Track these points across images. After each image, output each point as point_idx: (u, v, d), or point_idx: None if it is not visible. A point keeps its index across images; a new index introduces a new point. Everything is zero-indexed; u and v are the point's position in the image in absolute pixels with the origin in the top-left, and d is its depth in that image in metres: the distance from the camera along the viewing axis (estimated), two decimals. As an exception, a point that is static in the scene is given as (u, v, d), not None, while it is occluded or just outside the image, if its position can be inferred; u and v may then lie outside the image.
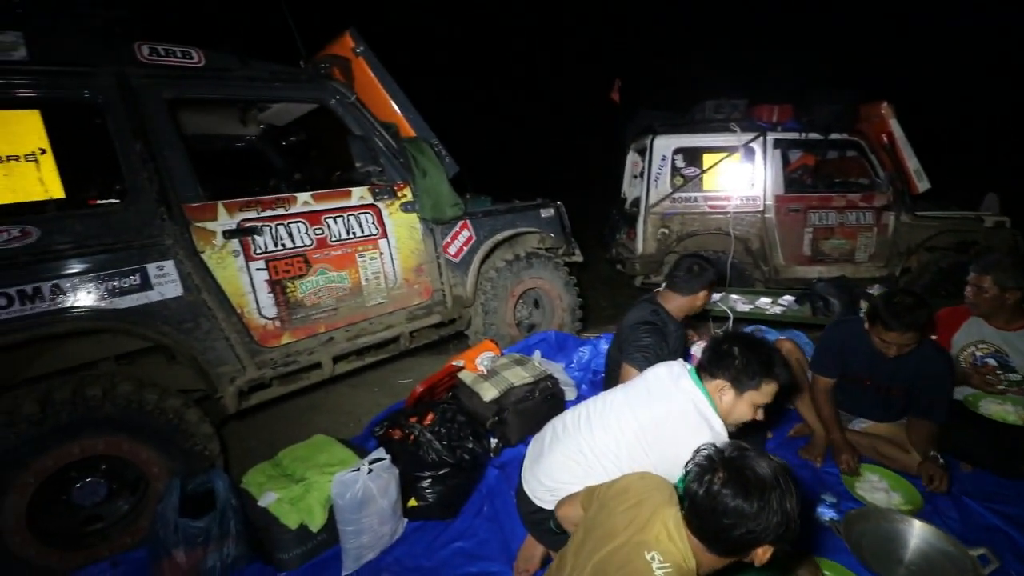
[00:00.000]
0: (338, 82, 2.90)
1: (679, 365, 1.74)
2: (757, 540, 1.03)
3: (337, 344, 2.78)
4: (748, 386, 1.57)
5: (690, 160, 4.83)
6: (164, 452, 2.21)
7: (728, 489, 1.03)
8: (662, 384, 1.69)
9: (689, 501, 1.09)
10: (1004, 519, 2.09)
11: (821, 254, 4.69)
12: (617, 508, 1.22)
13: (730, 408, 1.60)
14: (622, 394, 1.77)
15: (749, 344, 1.62)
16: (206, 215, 2.35)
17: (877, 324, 2.17)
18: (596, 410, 1.76)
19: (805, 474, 2.38)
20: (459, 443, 2.40)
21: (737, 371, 1.57)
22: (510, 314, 3.51)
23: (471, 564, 2.03)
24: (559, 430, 1.80)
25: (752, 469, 1.05)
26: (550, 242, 3.74)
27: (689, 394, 1.62)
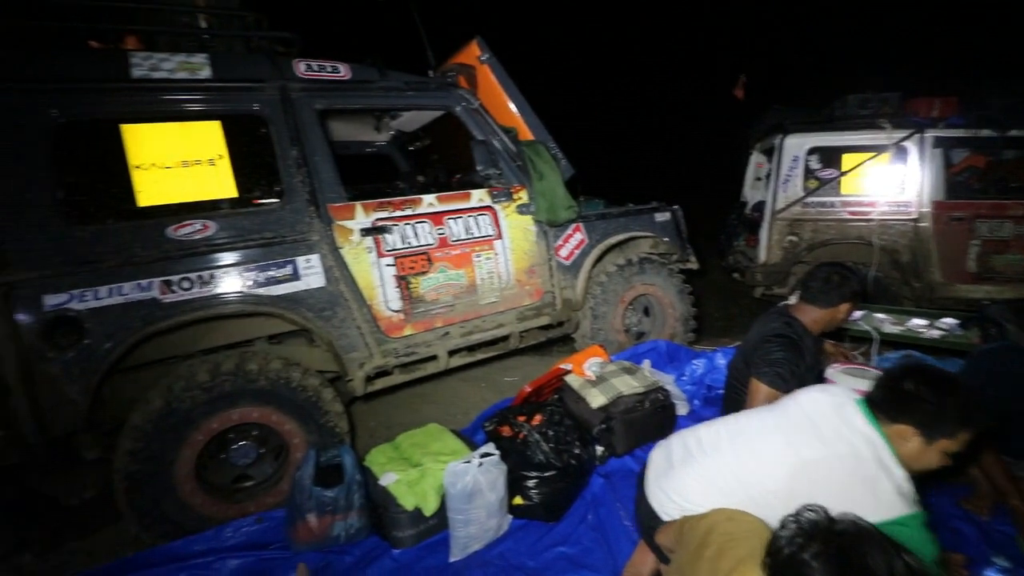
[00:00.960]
0: (463, 89, 3.04)
1: (843, 394, 1.52)
2: None
3: (452, 339, 2.91)
4: (942, 434, 1.33)
5: (827, 161, 4.38)
6: (303, 425, 2.46)
7: (818, 565, 0.86)
8: (827, 419, 1.45)
9: (772, 559, 0.94)
10: None
11: (991, 271, 4.01)
12: (701, 555, 1.12)
13: (916, 458, 1.36)
14: (772, 419, 1.58)
15: (940, 384, 1.36)
16: (347, 214, 2.59)
17: None
18: (739, 431, 1.60)
19: (968, 529, 2.04)
20: (566, 447, 2.39)
21: (929, 417, 1.34)
22: (619, 320, 3.43)
23: (574, 571, 2.01)
24: (692, 446, 1.67)
25: (862, 557, 0.85)
26: (664, 247, 3.60)
27: (865, 437, 1.37)
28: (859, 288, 2.25)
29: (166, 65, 2.29)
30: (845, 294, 2.18)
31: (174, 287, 2.23)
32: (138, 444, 2.15)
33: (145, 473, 2.18)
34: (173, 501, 2.25)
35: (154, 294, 2.20)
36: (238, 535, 2.26)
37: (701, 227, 5.87)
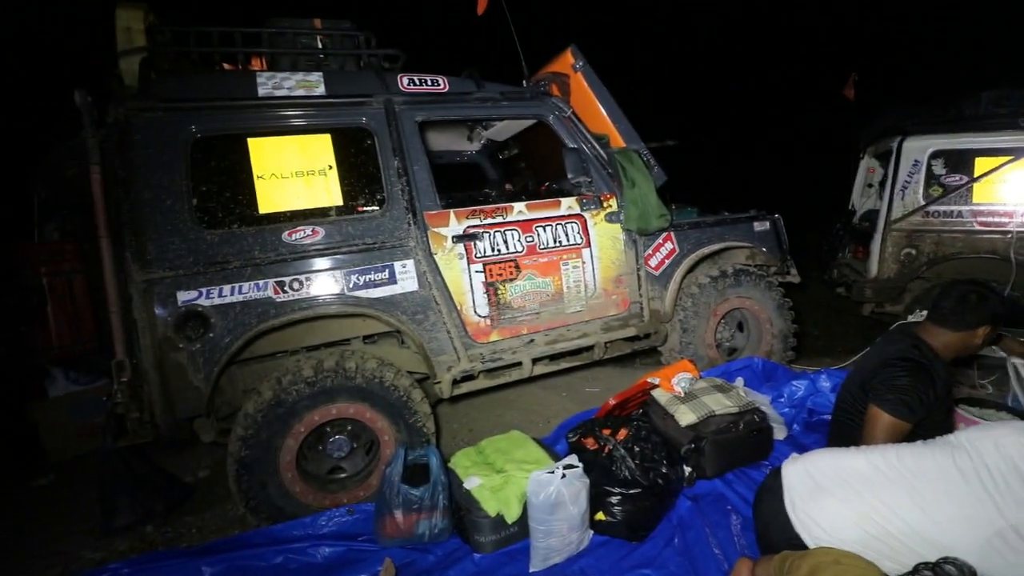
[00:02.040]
0: (556, 98, 3.05)
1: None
2: None
3: (537, 346, 2.92)
4: None
5: (954, 166, 3.91)
6: (394, 423, 2.57)
7: None
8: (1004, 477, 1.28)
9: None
10: None
11: None
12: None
13: None
14: (952, 464, 1.38)
15: None
16: (441, 222, 2.68)
17: None
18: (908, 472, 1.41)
19: None
20: (652, 465, 2.30)
21: None
22: (710, 334, 3.27)
23: (662, 595, 1.94)
24: (847, 474, 1.50)
25: None
26: (762, 259, 3.39)
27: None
28: (1001, 310, 1.98)
29: (287, 84, 2.50)
30: (984, 316, 1.94)
31: (286, 288, 2.42)
32: (249, 431, 2.35)
33: (253, 459, 2.37)
34: (276, 487, 2.43)
35: (269, 294, 2.39)
36: (331, 524, 2.39)
37: (802, 238, 5.48)
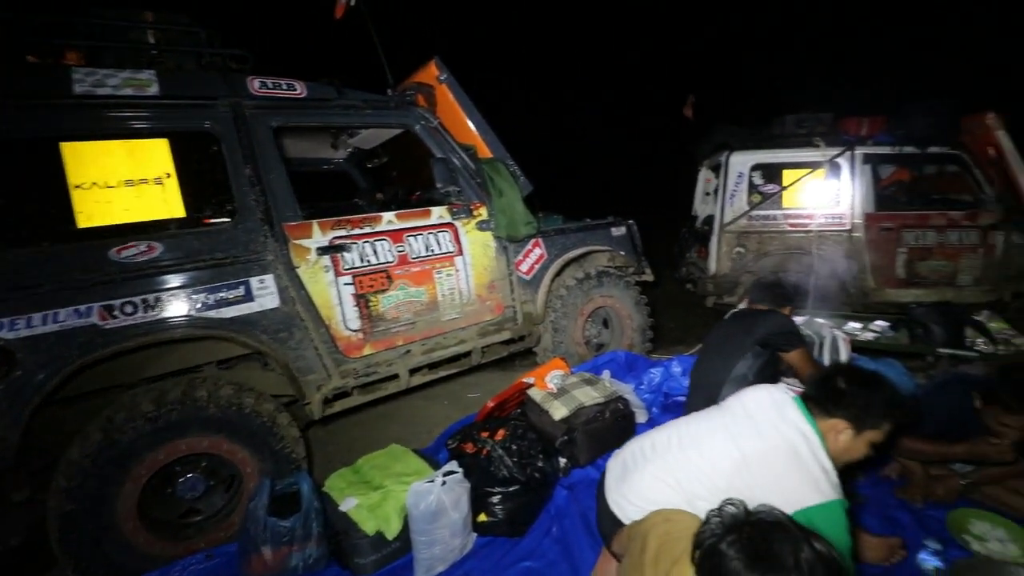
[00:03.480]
0: (422, 108, 3.06)
1: (781, 392, 1.64)
2: None
3: (413, 357, 2.89)
4: (869, 426, 1.48)
5: (769, 177, 4.64)
6: (257, 453, 2.37)
7: (734, 551, 0.92)
8: (767, 414, 1.56)
9: (697, 552, 0.99)
10: None
11: (917, 277, 4.33)
12: (643, 559, 1.16)
13: (846, 449, 1.50)
14: (720, 418, 1.68)
15: (868, 381, 1.51)
16: (303, 233, 2.54)
17: (995, 405, 1.94)
18: (689, 433, 1.68)
19: (904, 516, 2.18)
20: (529, 460, 2.40)
21: (858, 411, 1.47)
22: (579, 332, 3.50)
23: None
24: (647, 449, 1.74)
25: (769, 543, 0.91)
26: (621, 260, 3.71)
27: (799, 430, 1.49)
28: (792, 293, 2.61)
29: (111, 81, 2.20)
30: (782, 300, 2.50)
31: (116, 312, 2.12)
32: (74, 481, 2.01)
33: (82, 512, 2.03)
34: (114, 541, 2.11)
35: (93, 320, 2.08)
36: (186, 574, 2.14)
37: (655, 241, 6.08)
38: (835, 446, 1.49)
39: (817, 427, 1.49)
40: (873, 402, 1.47)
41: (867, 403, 1.47)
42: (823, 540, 0.95)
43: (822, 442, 1.47)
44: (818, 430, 1.49)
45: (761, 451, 1.48)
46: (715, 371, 2.43)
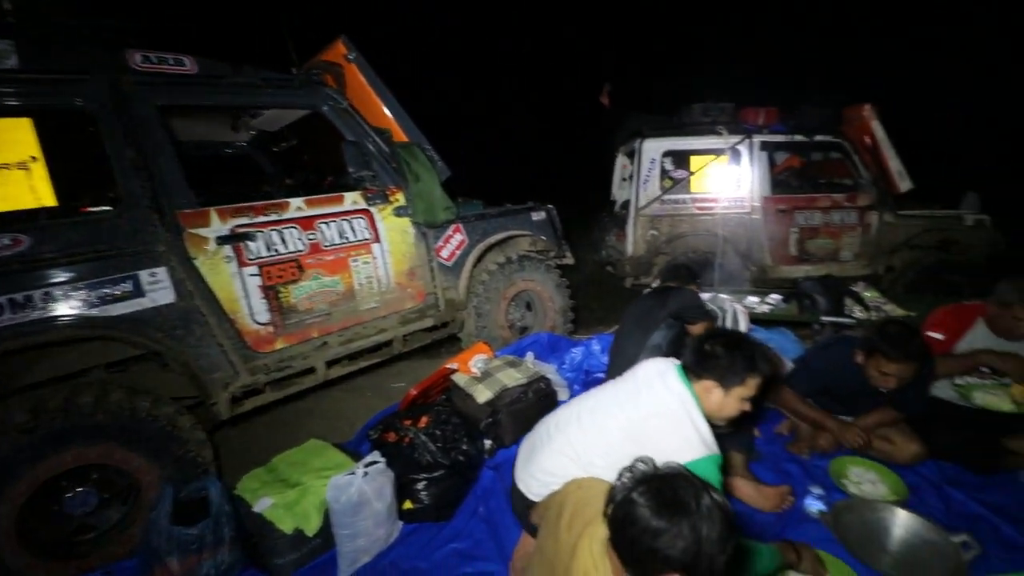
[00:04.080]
0: (330, 88, 2.92)
1: (666, 363, 1.76)
2: (663, 562, 0.99)
3: (331, 348, 2.79)
4: (734, 383, 1.62)
5: (678, 163, 4.90)
6: (156, 460, 2.20)
7: (644, 500, 1.01)
8: (651, 382, 1.70)
9: (610, 507, 1.07)
10: (987, 507, 2.14)
11: (807, 254, 4.77)
12: (559, 525, 1.22)
13: (719, 406, 1.64)
14: (612, 390, 1.79)
15: (732, 342, 1.66)
16: (199, 221, 2.36)
17: (877, 356, 2.16)
18: (588, 407, 1.78)
19: (794, 468, 2.43)
20: (454, 445, 2.41)
21: (723, 370, 1.61)
22: (502, 316, 3.54)
23: (467, 564, 2.04)
24: (551, 427, 1.82)
25: (675, 491, 1.02)
26: (542, 245, 3.78)
27: (676, 393, 1.63)
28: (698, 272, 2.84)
29: (-50, 51, 1.91)
30: (689, 278, 2.73)
31: (-26, 314, 1.87)
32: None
33: (-54, 541, 1.80)
34: (-11, 569, 1.89)
35: (-54, 324, 1.83)
36: (81, 594, 1.97)
37: (577, 225, 6.25)
38: (709, 405, 1.64)
39: (693, 389, 1.64)
40: (736, 361, 1.61)
41: (731, 363, 1.60)
42: (717, 492, 1.05)
43: (697, 403, 1.62)
44: (694, 392, 1.63)
45: (644, 417, 1.62)
46: (632, 344, 2.57)
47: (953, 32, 12.71)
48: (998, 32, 12.03)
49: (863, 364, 2.23)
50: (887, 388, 2.19)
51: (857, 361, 2.26)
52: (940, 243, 4.65)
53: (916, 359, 2.11)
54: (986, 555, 1.91)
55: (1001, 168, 9.17)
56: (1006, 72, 11.67)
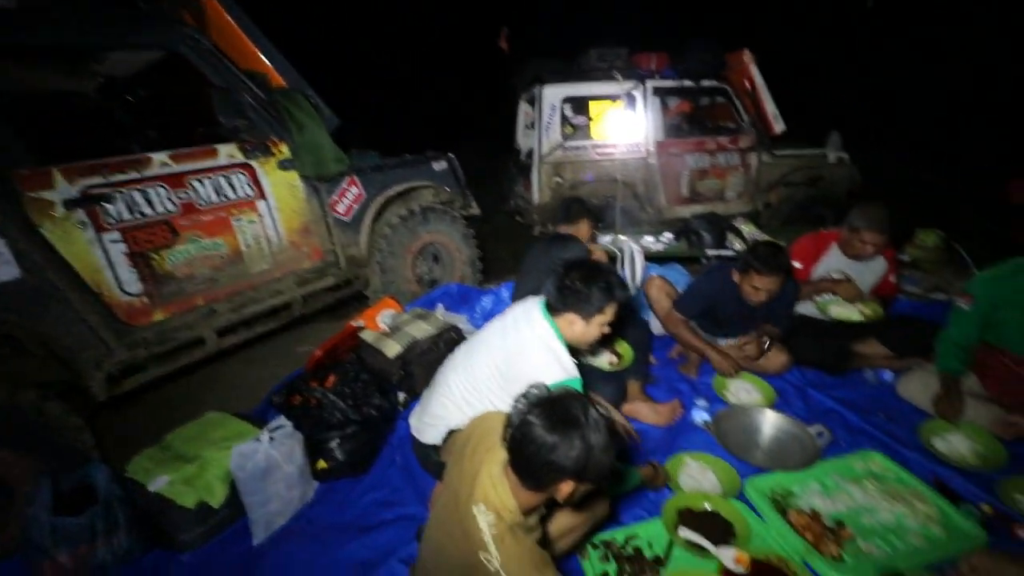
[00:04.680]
0: (188, 26, 2.58)
1: (532, 301, 1.86)
2: (558, 473, 1.09)
3: (220, 316, 2.61)
4: (593, 312, 1.74)
5: (578, 109, 4.95)
6: (26, 452, 1.98)
7: (538, 421, 1.09)
8: (516, 320, 1.80)
9: (507, 431, 1.14)
10: (837, 402, 2.53)
11: (697, 194, 5.09)
12: (463, 456, 1.29)
13: (582, 335, 1.78)
14: (486, 334, 1.88)
15: (587, 274, 1.75)
16: (41, 184, 2.04)
17: (750, 272, 2.39)
18: (464, 352, 1.89)
19: (684, 386, 2.70)
20: (365, 400, 2.40)
21: (581, 302, 1.72)
22: (409, 271, 3.48)
23: (386, 511, 2.09)
24: (439, 378, 1.93)
25: (565, 409, 1.11)
26: (445, 196, 3.71)
27: (538, 328, 1.74)
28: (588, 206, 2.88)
29: None
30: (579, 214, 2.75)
31: None
32: None
33: None
34: None
35: None
36: (-52, 606, 1.78)
37: (486, 175, 6.20)
38: (572, 335, 1.77)
39: (554, 323, 1.76)
40: (593, 293, 1.72)
41: (589, 295, 1.72)
42: (598, 407, 1.17)
43: (558, 334, 1.75)
44: (555, 325, 1.76)
45: (511, 355, 1.73)
46: (532, 290, 2.64)
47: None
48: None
49: (739, 282, 2.47)
50: (758, 302, 2.45)
51: (734, 279, 2.50)
52: (809, 180, 5.16)
53: (781, 271, 2.37)
54: (836, 440, 2.28)
55: (860, 107, 10.22)
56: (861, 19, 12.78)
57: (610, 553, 1.75)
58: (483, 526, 1.10)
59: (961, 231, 4.71)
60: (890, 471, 2.05)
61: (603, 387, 2.46)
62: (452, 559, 1.19)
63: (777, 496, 1.96)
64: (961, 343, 2.38)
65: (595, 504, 1.57)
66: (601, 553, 1.75)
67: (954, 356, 2.37)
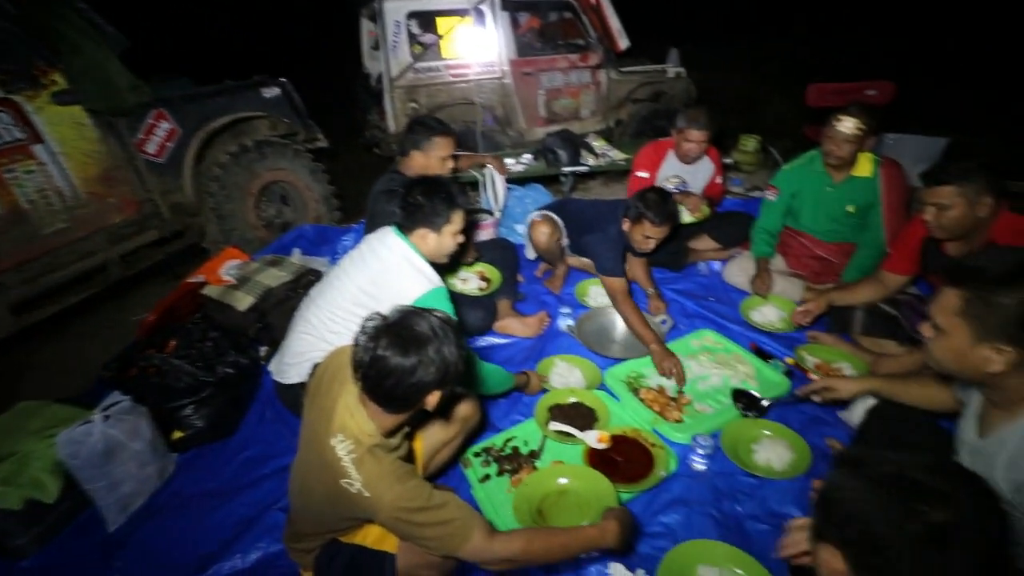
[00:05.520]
0: None
1: (384, 229, 1.87)
2: (423, 389, 1.11)
3: (11, 291, 2.16)
4: (441, 223, 1.78)
5: (426, 26, 4.62)
6: None
7: (389, 351, 1.07)
8: (372, 247, 1.82)
9: (357, 369, 1.11)
10: (677, 293, 2.87)
11: (554, 115, 5.15)
12: (317, 397, 1.26)
13: (437, 248, 1.82)
14: (342, 266, 1.89)
15: (428, 189, 1.77)
16: None
17: (643, 222, 2.37)
18: (319, 287, 1.90)
19: (550, 299, 2.87)
20: (218, 360, 2.20)
21: (429, 215, 1.75)
22: (252, 215, 3.13)
23: (262, 467, 2.02)
24: (297, 316, 1.91)
25: (410, 328, 1.10)
26: (284, 127, 3.32)
27: (397, 249, 1.77)
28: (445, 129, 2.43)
29: None
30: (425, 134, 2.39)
31: None
32: None
33: None
34: None
35: None
36: None
37: (330, 103, 5.68)
38: (428, 248, 1.81)
39: (410, 240, 1.79)
40: (437, 204, 1.76)
41: (433, 207, 1.75)
42: (439, 311, 1.18)
43: (415, 250, 1.79)
44: (411, 243, 1.79)
45: (373, 278, 1.75)
46: (384, 223, 2.53)
47: None
48: None
49: (628, 231, 2.46)
50: (646, 250, 2.48)
51: (624, 229, 2.49)
52: (653, 95, 5.47)
53: (673, 220, 2.42)
54: (676, 325, 2.59)
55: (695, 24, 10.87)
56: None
57: (490, 457, 1.87)
58: (341, 454, 1.09)
59: (775, 134, 5.41)
60: (719, 344, 2.41)
61: (473, 311, 2.52)
62: (316, 494, 1.18)
63: (631, 379, 2.22)
64: (769, 230, 2.79)
65: (465, 413, 1.64)
66: (482, 459, 1.87)
67: (764, 242, 2.79)
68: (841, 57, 8.39)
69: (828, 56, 8.51)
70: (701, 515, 1.69)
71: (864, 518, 0.63)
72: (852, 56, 8.42)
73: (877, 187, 2.51)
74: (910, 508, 0.61)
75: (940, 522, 0.59)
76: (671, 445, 1.90)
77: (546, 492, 1.65)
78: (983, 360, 1.00)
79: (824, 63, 7.73)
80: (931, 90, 6.57)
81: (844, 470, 0.67)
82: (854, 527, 0.64)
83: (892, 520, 0.61)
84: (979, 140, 5.04)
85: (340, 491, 1.08)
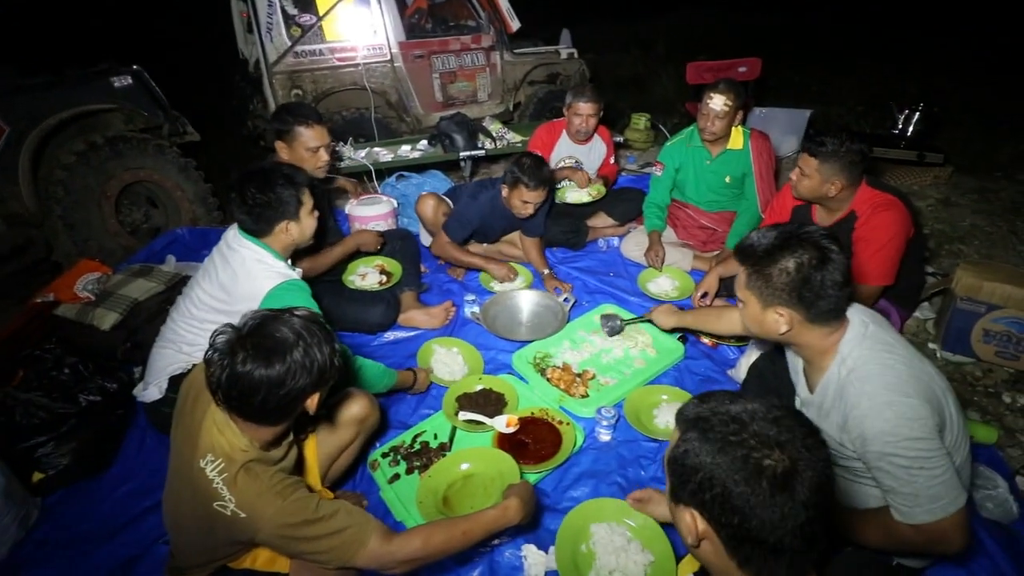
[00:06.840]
0: None
1: (231, 231, 1.76)
2: (297, 397, 1.03)
3: None
4: (296, 208, 1.70)
5: (302, 5, 4.30)
6: None
7: (250, 365, 0.97)
8: (221, 253, 1.74)
9: (219, 392, 1.01)
10: (579, 271, 2.96)
11: (451, 98, 5.03)
12: (182, 417, 1.17)
13: (300, 233, 1.76)
14: (197, 277, 1.82)
15: (262, 182, 1.65)
16: None
17: (519, 187, 2.44)
18: (183, 297, 1.83)
19: (454, 286, 2.86)
20: (79, 387, 1.95)
21: (281, 208, 1.67)
22: (111, 221, 2.77)
23: (145, 498, 1.84)
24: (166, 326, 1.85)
25: (269, 335, 1.00)
26: (143, 121, 2.94)
27: (244, 249, 1.69)
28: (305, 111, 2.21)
29: None
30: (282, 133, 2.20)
31: None
32: None
33: None
34: None
35: None
36: None
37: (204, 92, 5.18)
38: (286, 242, 1.74)
39: (259, 240, 1.70)
40: (280, 194, 1.65)
41: (278, 198, 1.65)
42: (301, 308, 1.10)
43: (267, 249, 1.70)
44: (260, 242, 1.70)
45: (222, 282, 1.69)
46: None
47: None
48: None
49: (507, 196, 2.53)
50: (526, 215, 2.57)
51: (503, 196, 2.56)
52: (549, 77, 5.51)
53: (549, 183, 2.51)
54: (579, 303, 2.67)
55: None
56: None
57: (399, 456, 1.82)
58: (212, 475, 1.00)
59: (664, 111, 5.71)
60: (619, 316, 2.51)
61: (375, 307, 2.43)
62: (190, 522, 1.08)
63: (538, 360, 2.25)
64: (659, 204, 2.95)
65: (359, 414, 1.56)
66: (390, 459, 1.82)
67: (655, 215, 2.94)
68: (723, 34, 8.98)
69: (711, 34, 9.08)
70: (608, 484, 1.77)
71: (719, 482, 0.68)
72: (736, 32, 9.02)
73: (749, 158, 2.73)
74: (757, 464, 0.66)
75: (784, 470, 0.66)
76: (578, 420, 1.96)
77: (450, 480, 1.64)
78: (773, 323, 1.14)
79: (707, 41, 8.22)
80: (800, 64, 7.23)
81: (692, 434, 0.72)
82: (709, 490, 0.69)
83: (742, 479, 0.67)
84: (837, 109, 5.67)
85: (214, 515, 1.00)
